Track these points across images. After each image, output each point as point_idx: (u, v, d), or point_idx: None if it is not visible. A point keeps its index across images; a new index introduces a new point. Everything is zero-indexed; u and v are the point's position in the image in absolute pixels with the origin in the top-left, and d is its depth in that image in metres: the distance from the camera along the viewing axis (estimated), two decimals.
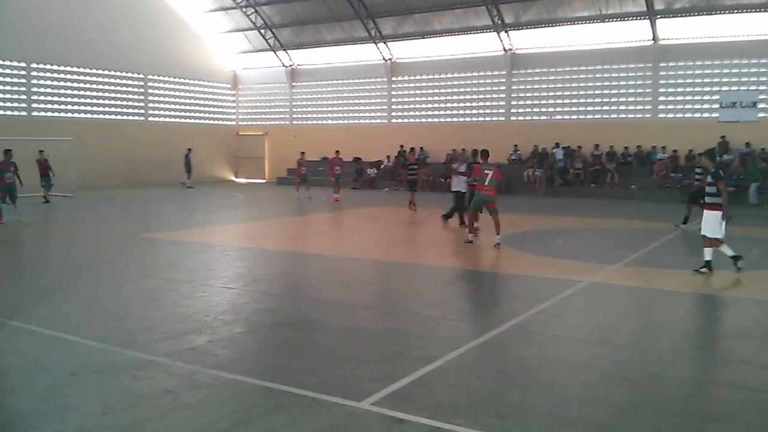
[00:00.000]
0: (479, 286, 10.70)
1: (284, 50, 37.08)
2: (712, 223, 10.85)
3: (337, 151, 27.21)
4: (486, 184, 13.90)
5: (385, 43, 33.86)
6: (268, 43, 36.73)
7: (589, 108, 29.71)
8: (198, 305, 8.67)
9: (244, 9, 35.17)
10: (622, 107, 29.07)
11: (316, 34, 35.53)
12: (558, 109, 30.39)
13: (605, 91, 29.34)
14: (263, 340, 7.33)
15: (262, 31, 36.18)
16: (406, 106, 34.48)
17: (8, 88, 29.23)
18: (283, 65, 37.60)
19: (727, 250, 10.95)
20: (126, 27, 32.71)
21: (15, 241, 15.87)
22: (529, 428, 4.85)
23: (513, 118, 31.40)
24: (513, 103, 31.36)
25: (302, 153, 27.56)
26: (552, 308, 8.64)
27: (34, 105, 30.24)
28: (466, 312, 8.39)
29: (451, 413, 5.05)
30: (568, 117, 30.17)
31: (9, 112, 29.21)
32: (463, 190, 16.37)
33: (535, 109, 30.95)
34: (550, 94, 30.47)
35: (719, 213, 10.78)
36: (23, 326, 7.56)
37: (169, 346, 6.81)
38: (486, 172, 13.97)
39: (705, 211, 11.08)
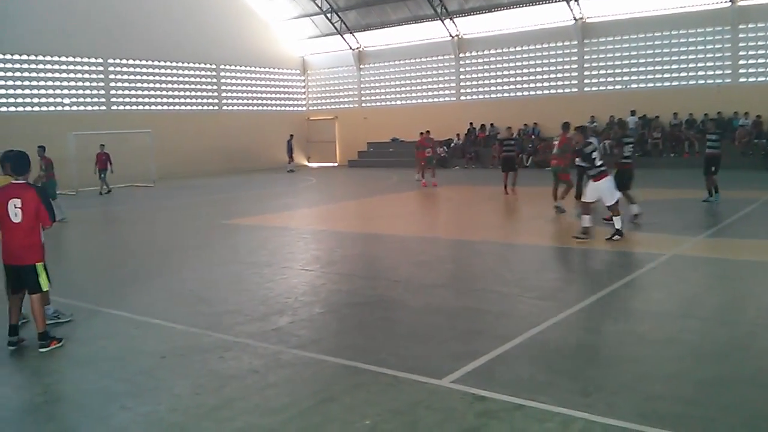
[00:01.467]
0: (557, 263, 10.55)
1: (351, 33, 37.18)
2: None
3: (428, 131, 24.39)
4: (553, 152, 15.00)
5: (451, 19, 33.48)
6: (334, 27, 36.90)
7: (666, 75, 28.64)
8: (279, 287, 8.89)
9: None
10: (700, 72, 27.88)
11: (382, 14, 35.46)
12: (633, 77, 29.42)
13: (682, 57, 28.20)
14: (342, 320, 7.46)
15: (329, 15, 36.37)
16: (474, 83, 34.08)
17: (87, 84, 30.43)
18: (350, 48, 37.73)
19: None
20: (197, 19, 33.48)
21: (101, 231, 16.58)
22: (614, 404, 4.78)
23: (586, 89, 30.60)
24: (586, 73, 30.55)
25: (426, 132, 24.34)
26: (634, 283, 8.46)
27: (113, 99, 31.39)
28: (545, 289, 8.29)
29: (534, 390, 5.03)
30: (644, 85, 29.18)
31: (89, 108, 30.43)
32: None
33: (609, 79, 30.06)
34: (624, 62, 29.52)
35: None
36: (115, 312, 7.92)
37: (254, 327, 7.02)
38: (554, 142, 14.73)
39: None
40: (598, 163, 11.21)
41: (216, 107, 35.72)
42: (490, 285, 8.75)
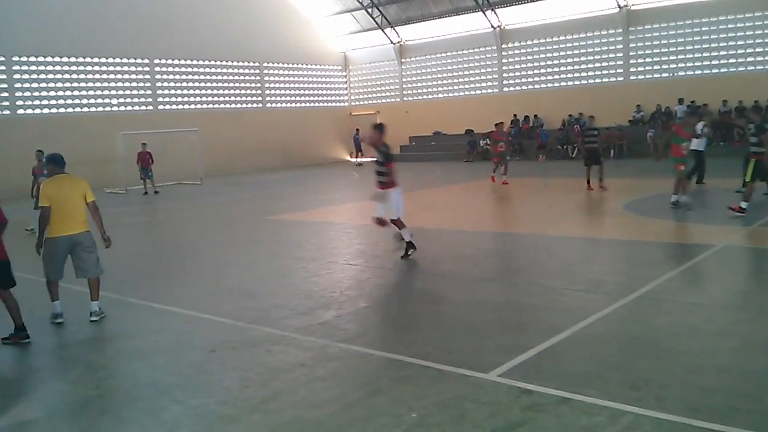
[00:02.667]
0: (604, 255, 10.37)
1: (392, 27, 37.16)
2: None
3: (501, 123, 21.79)
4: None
5: (493, 10, 33.19)
6: (375, 22, 36.92)
7: (714, 62, 27.91)
8: (324, 282, 8.97)
9: None
10: (749, 58, 27.09)
11: (423, 7, 35.34)
12: (680, 65, 28.76)
13: (730, 43, 27.43)
14: (387, 314, 7.50)
15: (369, 9, 36.39)
16: (517, 74, 33.73)
17: (134, 84, 31.06)
18: (391, 42, 37.72)
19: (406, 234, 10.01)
20: (240, 17, 33.88)
21: (150, 229, 16.93)
22: (664, 398, 4.71)
23: (632, 77, 30.02)
24: (632, 61, 29.98)
25: (500, 123, 21.70)
26: (684, 274, 8.29)
27: (159, 99, 31.99)
28: (592, 282, 8.18)
29: (581, 384, 4.98)
30: (691, 72, 28.50)
31: (137, 107, 31.08)
32: (701, 149, 16.20)
33: (656, 67, 29.44)
34: (671, 50, 28.86)
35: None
36: (165, 308, 8.10)
37: (300, 321, 7.10)
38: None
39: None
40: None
41: (260, 104, 36.12)
42: (536, 278, 8.68)
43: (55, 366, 6.33)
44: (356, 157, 35.28)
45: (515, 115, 32.59)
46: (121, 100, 30.62)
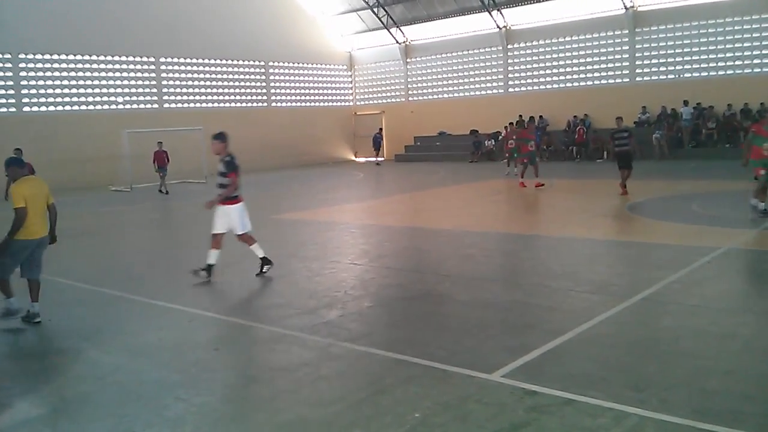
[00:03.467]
0: (609, 257, 10.35)
1: (397, 27, 37.13)
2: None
3: (531, 118, 20.25)
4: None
5: (499, 10, 33.15)
6: (381, 21, 36.90)
7: (720, 63, 27.82)
8: (328, 281, 8.98)
9: None
10: (755, 60, 26.99)
11: (429, 7, 35.32)
12: (686, 66, 28.68)
13: (736, 45, 27.34)
14: (391, 314, 7.49)
15: (375, 9, 36.38)
16: (523, 74, 33.69)
17: (140, 82, 31.11)
18: (397, 42, 37.70)
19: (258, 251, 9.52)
20: (246, 16, 33.88)
21: (155, 226, 16.95)
22: (668, 400, 4.70)
23: (638, 78, 29.96)
24: (637, 63, 29.90)
25: (529, 119, 20.51)
26: (688, 277, 8.27)
27: (165, 97, 32.03)
28: (596, 283, 8.17)
29: (585, 385, 4.98)
30: (697, 74, 28.41)
31: (142, 105, 31.12)
32: None
33: (662, 68, 29.36)
34: (677, 51, 28.78)
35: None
36: (168, 305, 8.11)
37: (304, 320, 7.11)
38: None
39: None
40: None
41: (265, 104, 36.13)
42: (540, 279, 8.66)
43: (58, 363, 6.34)
44: (376, 156, 35.11)
45: (520, 115, 32.50)
46: (127, 98, 30.65)
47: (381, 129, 35.65)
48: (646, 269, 9.10)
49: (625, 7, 29.48)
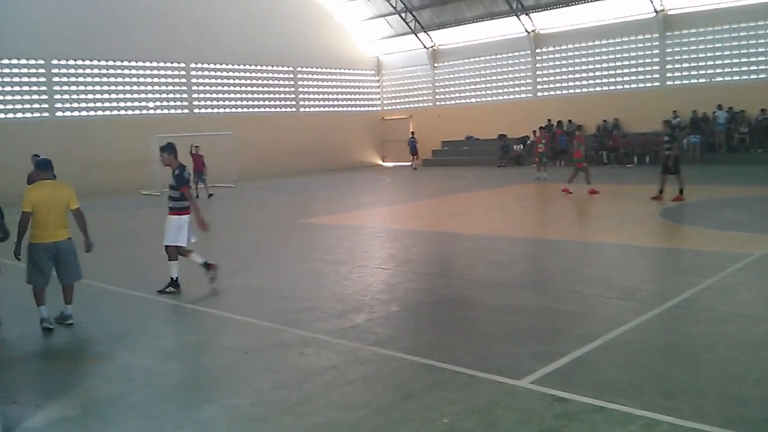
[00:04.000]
0: (639, 262, 10.22)
1: (425, 32, 37.15)
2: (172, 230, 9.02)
3: (559, 123, 20.15)
4: None
5: (527, 14, 33.00)
6: (408, 26, 36.95)
7: (752, 67, 27.36)
8: (355, 285, 9.00)
9: None
10: None
11: (456, 12, 35.27)
12: (718, 71, 28.27)
13: None
14: (419, 319, 7.48)
15: (403, 14, 36.44)
16: (551, 78, 33.48)
17: (171, 87, 31.51)
18: (425, 47, 37.71)
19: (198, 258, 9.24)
20: (275, 22, 34.15)
21: None
22: (700, 407, 4.63)
23: (669, 83, 29.61)
24: (668, 67, 29.55)
25: (578, 127, 19.66)
26: (721, 283, 8.14)
27: (195, 102, 32.40)
28: (627, 289, 8.07)
29: (615, 392, 4.92)
30: (729, 78, 27.98)
31: (172, 111, 31.51)
32: None
33: (693, 72, 28.98)
34: (708, 55, 28.39)
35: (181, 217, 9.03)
36: (198, 308, 8.21)
37: (332, 324, 7.13)
38: None
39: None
40: None
41: (293, 109, 36.36)
42: (569, 285, 8.60)
43: (89, 364, 6.44)
44: (412, 160, 34.99)
45: (549, 120, 32.33)
46: (158, 103, 31.07)
47: (413, 133, 35.53)
48: (678, 275, 8.98)
49: (655, 11, 29.17)
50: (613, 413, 4.60)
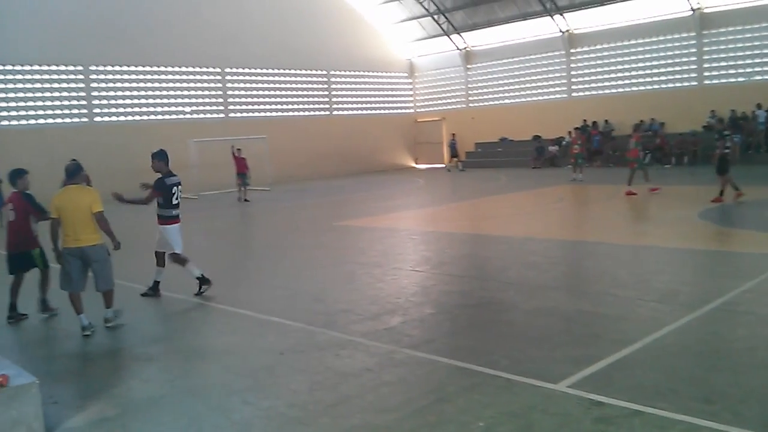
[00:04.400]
0: (678, 265, 10.06)
1: (458, 33, 37.04)
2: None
3: (594, 123, 19.60)
4: None
5: (561, 14, 32.70)
6: (441, 28, 36.89)
7: None
8: (390, 288, 9.02)
9: None
10: None
11: (489, 13, 35.11)
12: (757, 69, 27.67)
13: None
14: (454, 321, 7.47)
15: (436, 16, 36.39)
16: (586, 78, 33.13)
17: (206, 92, 31.93)
18: (457, 48, 37.59)
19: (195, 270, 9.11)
20: (308, 27, 34.38)
21: (222, 232, 17.33)
22: (740, 413, 4.55)
23: (706, 81, 29.08)
24: (705, 65, 29.03)
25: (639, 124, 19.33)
26: (762, 286, 7.99)
27: (230, 107, 32.77)
28: (665, 292, 7.96)
29: (653, 397, 4.87)
30: None
31: (208, 115, 31.92)
32: None
33: (731, 71, 28.43)
34: (747, 53, 27.82)
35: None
36: (235, 310, 8.30)
37: (366, 326, 7.16)
38: None
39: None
40: None
41: (327, 112, 36.55)
42: (606, 287, 8.50)
43: (130, 365, 6.56)
44: (456, 162, 34.51)
45: (584, 120, 32.01)
46: (194, 108, 31.50)
47: (454, 135, 35.25)
48: (717, 278, 8.82)
49: (692, 9, 28.67)
50: (652, 418, 4.54)
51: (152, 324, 7.89)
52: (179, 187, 9.08)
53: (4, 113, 26.10)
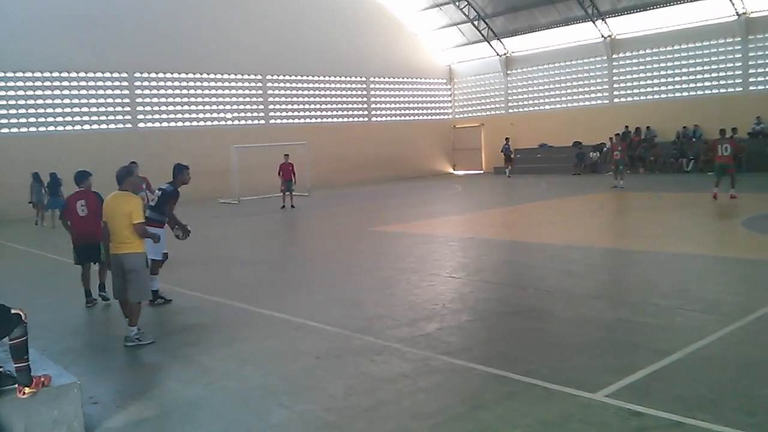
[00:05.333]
0: (721, 274, 9.85)
1: (498, 39, 36.89)
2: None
3: (637, 129, 17.53)
4: None
5: (603, 19, 32.34)
6: (481, 34, 36.77)
7: None
8: (426, 294, 9.02)
9: (457, 3, 35.49)
10: None
11: (530, 19, 34.90)
12: None
13: None
14: (491, 329, 7.44)
15: (476, 22, 36.30)
16: (628, 84, 32.68)
17: (248, 99, 32.37)
18: (497, 54, 37.44)
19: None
20: (348, 34, 34.66)
21: (262, 238, 17.52)
22: None
23: (752, 87, 28.44)
24: (750, 71, 28.40)
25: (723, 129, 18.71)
26: None
27: (271, 113, 33.16)
28: (707, 301, 7.81)
29: (694, 408, 4.78)
30: None
31: (249, 122, 32.35)
32: None
33: None
34: None
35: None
36: (274, 314, 8.38)
37: (403, 332, 7.17)
38: None
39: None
40: None
41: (366, 118, 36.73)
42: (647, 296, 8.37)
43: (170, 367, 6.67)
44: (507, 166, 33.77)
45: (627, 126, 31.56)
46: (236, 114, 31.97)
47: (507, 139, 34.46)
48: (761, 288, 8.62)
49: (737, 14, 28.10)
50: (692, 429, 4.47)
51: (193, 327, 8.01)
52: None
53: (51, 119, 26.84)
